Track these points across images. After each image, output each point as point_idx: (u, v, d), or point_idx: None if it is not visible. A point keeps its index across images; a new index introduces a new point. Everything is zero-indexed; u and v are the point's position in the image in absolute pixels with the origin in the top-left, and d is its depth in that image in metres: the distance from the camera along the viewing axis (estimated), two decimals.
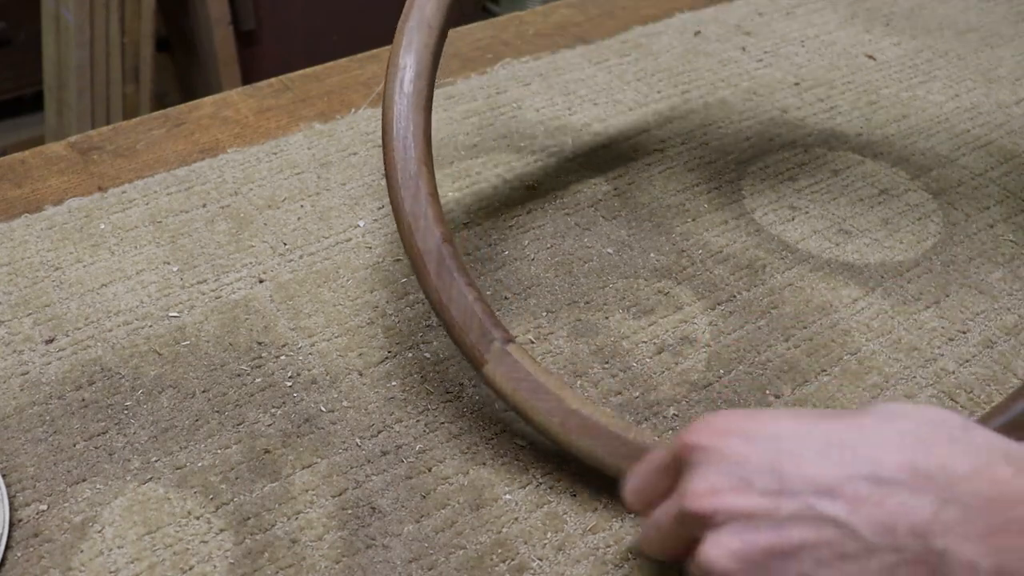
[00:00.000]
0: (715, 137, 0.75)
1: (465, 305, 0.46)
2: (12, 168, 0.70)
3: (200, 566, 0.44)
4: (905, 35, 0.90)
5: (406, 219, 0.47)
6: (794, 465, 0.32)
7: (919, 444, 0.32)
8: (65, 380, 0.53)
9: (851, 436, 0.33)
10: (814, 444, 0.33)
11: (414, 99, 0.50)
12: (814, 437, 0.33)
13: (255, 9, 1.69)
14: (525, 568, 0.44)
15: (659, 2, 0.95)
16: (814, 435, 0.33)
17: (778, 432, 0.34)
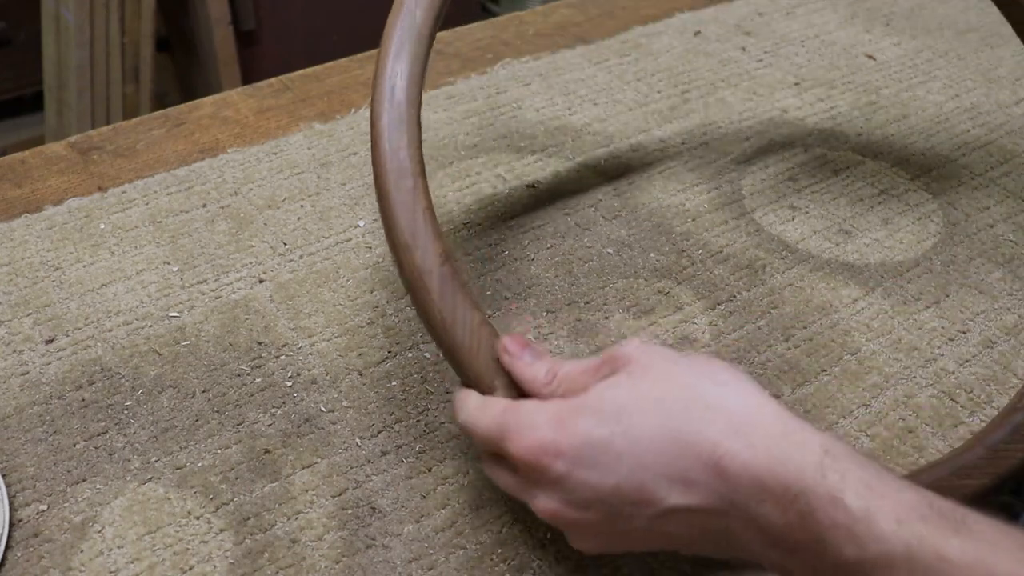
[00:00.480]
0: (715, 137, 0.75)
1: (471, 329, 0.43)
2: (12, 168, 0.70)
3: (200, 566, 0.44)
4: (905, 35, 0.90)
5: (402, 237, 0.43)
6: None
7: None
8: (65, 380, 0.53)
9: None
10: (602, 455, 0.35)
11: (406, 109, 0.46)
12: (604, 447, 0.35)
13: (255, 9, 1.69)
14: (525, 568, 0.44)
15: (659, 2, 0.95)
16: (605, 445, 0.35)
17: (584, 444, 0.35)
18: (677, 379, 0.35)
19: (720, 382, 0.35)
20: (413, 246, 0.43)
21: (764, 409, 0.34)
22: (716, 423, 0.33)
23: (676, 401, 0.34)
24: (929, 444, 0.50)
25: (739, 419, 0.33)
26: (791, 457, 0.32)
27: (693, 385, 0.35)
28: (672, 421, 0.34)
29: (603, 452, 0.35)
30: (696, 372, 0.36)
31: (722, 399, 0.34)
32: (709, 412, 0.34)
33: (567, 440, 0.35)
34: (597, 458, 0.35)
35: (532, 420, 0.36)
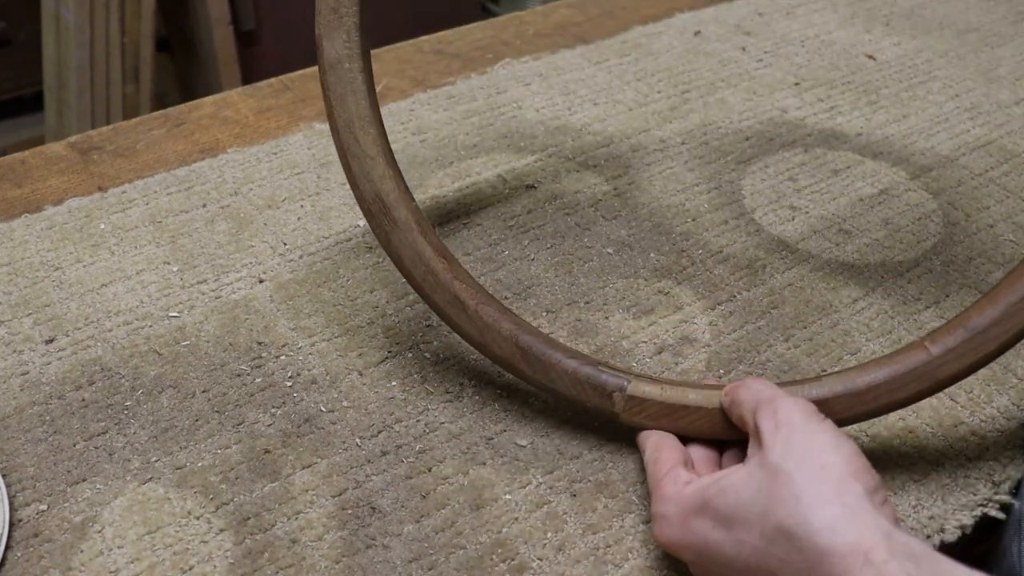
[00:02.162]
0: (715, 137, 0.75)
1: (573, 367, 0.47)
2: (12, 168, 0.70)
3: (200, 566, 0.44)
4: (905, 35, 0.90)
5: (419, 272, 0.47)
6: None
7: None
8: (65, 380, 0.53)
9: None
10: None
11: (376, 143, 0.48)
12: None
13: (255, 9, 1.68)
14: (525, 568, 0.44)
15: (659, 2, 0.95)
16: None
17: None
18: (780, 492, 0.37)
19: (832, 511, 0.36)
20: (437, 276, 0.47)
21: (859, 548, 0.35)
22: (808, 557, 0.35)
23: (782, 532, 0.36)
24: (929, 444, 0.50)
25: (836, 562, 0.35)
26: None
27: (790, 505, 0.37)
28: (774, 548, 0.37)
29: (717, 555, 0.39)
30: (797, 484, 0.37)
31: (828, 536, 0.35)
32: (801, 545, 0.36)
33: (692, 540, 0.40)
34: (714, 558, 0.39)
35: (666, 511, 0.42)
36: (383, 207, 0.48)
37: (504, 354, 0.47)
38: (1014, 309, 0.44)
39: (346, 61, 0.48)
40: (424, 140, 0.74)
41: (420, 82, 0.82)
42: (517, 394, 0.53)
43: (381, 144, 0.48)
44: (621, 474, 0.49)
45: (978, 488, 0.48)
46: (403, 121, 0.76)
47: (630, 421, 0.47)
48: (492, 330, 0.47)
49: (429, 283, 0.48)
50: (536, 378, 0.47)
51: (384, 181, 0.48)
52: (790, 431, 0.39)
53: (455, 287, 0.48)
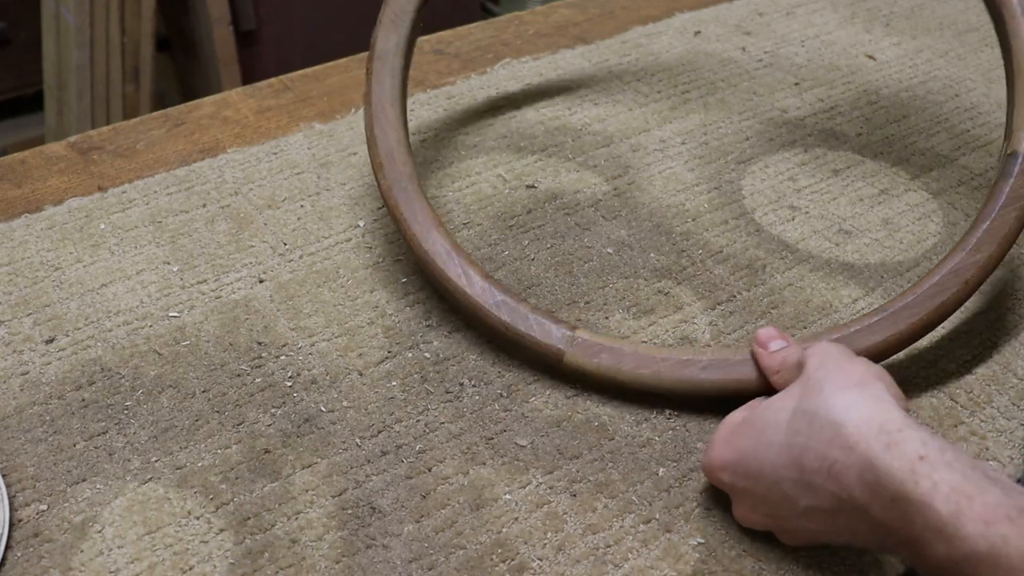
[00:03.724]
0: (715, 137, 0.75)
1: (524, 314, 0.53)
2: (12, 168, 0.70)
3: (200, 566, 0.44)
4: (905, 35, 0.90)
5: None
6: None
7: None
8: (65, 380, 0.53)
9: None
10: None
11: (398, 117, 0.59)
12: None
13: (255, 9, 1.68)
14: (525, 568, 0.44)
15: (659, 2, 0.95)
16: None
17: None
18: (808, 390, 0.41)
19: (850, 395, 0.40)
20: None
21: (874, 421, 0.38)
22: (832, 437, 0.39)
23: (805, 415, 0.40)
24: None
25: (851, 432, 0.38)
26: (889, 465, 0.36)
27: (814, 395, 0.41)
28: (798, 437, 0.40)
29: (753, 461, 0.42)
30: (823, 380, 0.41)
31: (844, 412, 0.39)
32: (829, 426, 0.39)
33: (729, 455, 0.43)
34: (749, 468, 0.42)
35: (716, 436, 0.45)
36: (392, 160, 0.57)
37: (475, 293, 0.53)
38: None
39: (392, 54, 0.60)
40: (424, 140, 0.74)
41: (420, 82, 0.82)
42: (517, 394, 0.53)
43: (401, 118, 0.59)
44: (621, 474, 0.49)
45: None
46: None
47: (573, 360, 0.52)
48: (469, 274, 0.54)
49: (419, 230, 0.55)
50: (500, 316, 0.53)
51: (398, 143, 0.58)
52: (826, 354, 0.43)
53: (441, 234, 0.55)
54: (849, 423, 0.38)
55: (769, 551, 0.45)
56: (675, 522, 0.46)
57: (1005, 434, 0.51)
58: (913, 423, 0.38)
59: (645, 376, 0.51)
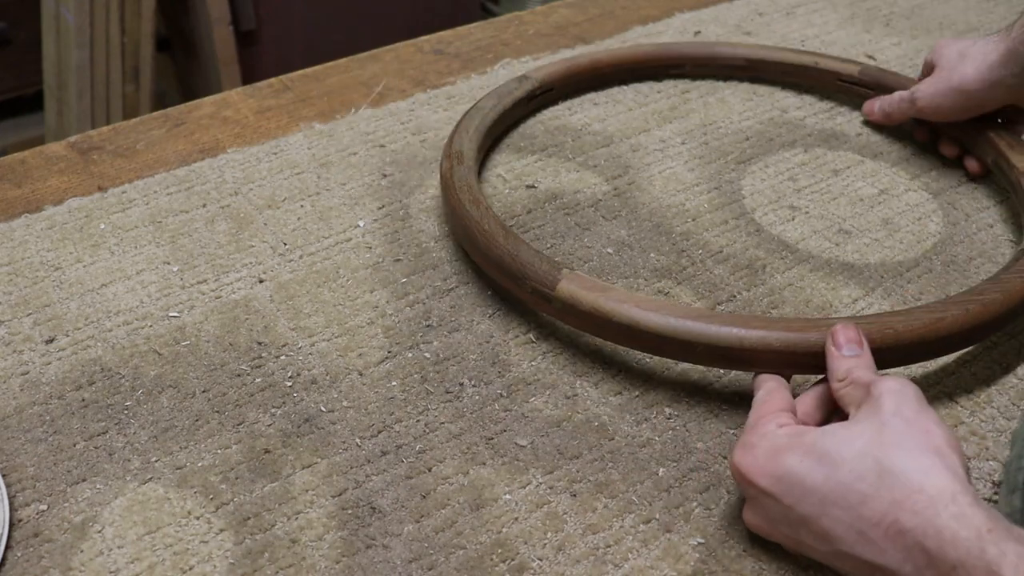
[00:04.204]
0: (715, 137, 0.75)
1: (527, 248, 0.55)
2: (12, 168, 0.70)
3: (200, 566, 0.44)
4: (905, 35, 0.90)
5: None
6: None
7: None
8: (65, 380, 0.53)
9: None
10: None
11: (473, 138, 0.66)
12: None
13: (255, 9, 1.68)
14: (525, 568, 0.44)
15: (659, 2, 0.95)
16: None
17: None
18: (884, 438, 0.40)
19: (928, 460, 0.39)
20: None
21: (947, 491, 0.38)
22: (903, 498, 0.38)
23: (878, 465, 0.39)
24: None
25: (924, 498, 0.38)
26: (956, 534, 0.36)
27: (891, 448, 0.40)
28: (862, 483, 0.39)
29: (800, 486, 0.41)
30: (902, 434, 0.40)
31: (922, 476, 0.38)
32: (894, 480, 0.39)
33: (771, 468, 0.42)
34: (793, 490, 0.41)
35: (756, 442, 0.43)
36: (460, 156, 0.63)
37: (490, 225, 0.57)
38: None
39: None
40: (424, 140, 0.74)
41: (420, 82, 0.82)
42: (517, 394, 0.53)
43: (477, 140, 0.66)
44: (621, 474, 0.49)
45: (978, 488, 0.48)
46: (403, 121, 0.76)
47: (565, 290, 0.52)
48: (485, 210, 0.58)
49: (472, 204, 0.59)
50: (507, 246, 0.55)
51: (468, 147, 0.65)
52: (903, 399, 0.42)
53: (486, 209, 0.58)
54: (925, 489, 0.38)
55: (769, 551, 0.45)
56: (675, 522, 0.46)
57: (1005, 434, 0.51)
58: (980, 500, 0.38)
59: (630, 312, 0.50)
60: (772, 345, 0.48)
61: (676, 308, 0.50)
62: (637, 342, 0.51)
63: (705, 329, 0.49)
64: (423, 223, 0.65)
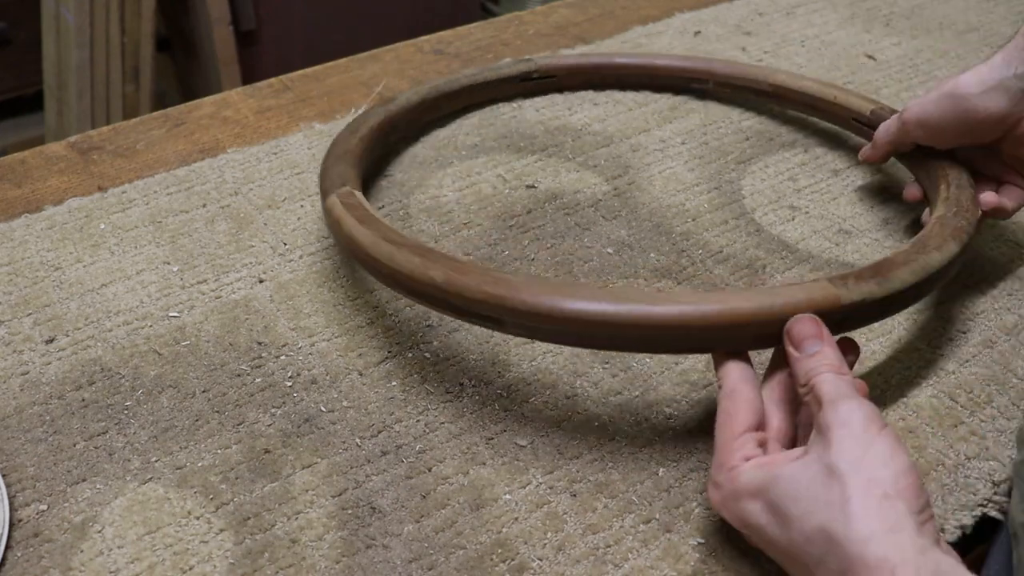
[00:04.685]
0: (715, 137, 0.75)
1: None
2: (12, 168, 0.70)
3: (200, 566, 0.44)
4: (905, 35, 0.90)
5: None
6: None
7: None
8: (65, 380, 0.53)
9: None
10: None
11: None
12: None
13: (255, 9, 1.68)
14: (525, 568, 0.44)
15: (659, 2, 0.95)
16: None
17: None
18: (830, 495, 0.38)
19: (856, 514, 0.37)
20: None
21: (881, 552, 0.36)
22: (841, 561, 0.37)
23: (816, 525, 0.38)
24: (929, 444, 0.50)
25: (857, 562, 0.36)
26: None
27: (835, 511, 0.38)
28: (811, 546, 0.38)
29: (762, 535, 0.41)
30: (845, 489, 0.38)
31: (850, 539, 0.37)
32: (838, 549, 0.37)
33: (738, 515, 0.42)
34: (760, 535, 0.41)
35: (721, 482, 0.43)
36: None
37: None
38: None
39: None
40: (424, 140, 0.74)
41: (420, 82, 0.82)
42: (517, 394, 0.53)
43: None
44: (621, 474, 0.49)
45: (978, 488, 0.48)
46: None
47: (331, 204, 0.55)
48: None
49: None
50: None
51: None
52: (850, 432, 0.40)
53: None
54: (866, 563, 0.36)
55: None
56: (675, 522, 0.46)
57: (1005, 434, 0.51)
58: (928, 566, 0.36)
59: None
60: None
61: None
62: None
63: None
64: (423, 223, 0.65)
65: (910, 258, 0.48)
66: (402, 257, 0.49)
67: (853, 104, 0.69)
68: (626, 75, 0.79)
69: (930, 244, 0.50)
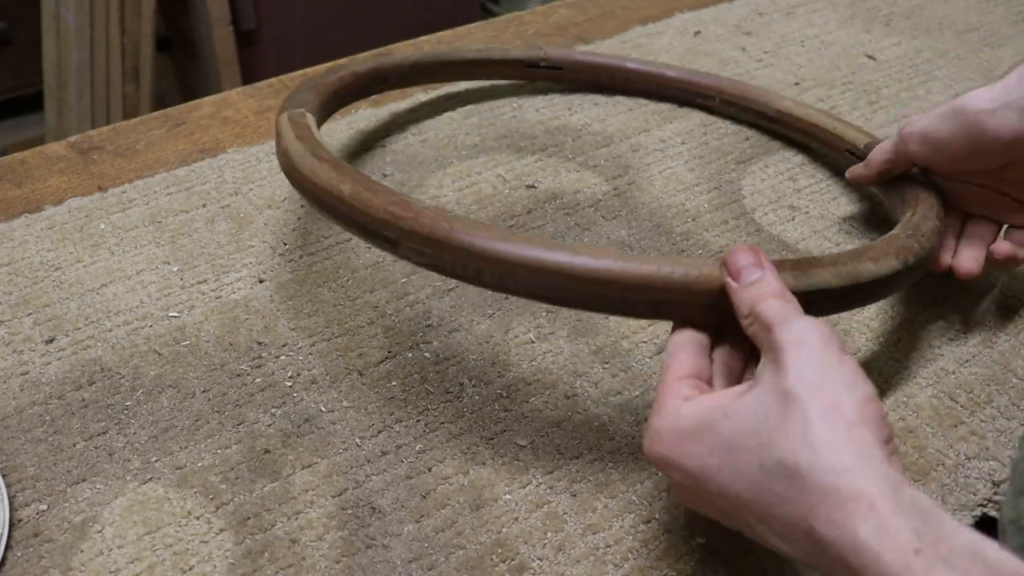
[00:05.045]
0: (715, 137, 0.75)
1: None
2: (12, 168, 0.70)
3: (200, 566, 0.44)
4: (905, 35, 0.90)
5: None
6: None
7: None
8: (65, 380, 0.53)
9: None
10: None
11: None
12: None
13: (255, 9, 1.68)
14: (525, 568, 0.44)
15: (659, 2, 0.95)
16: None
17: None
18: (789, 424, 0.35)
19: (823, 442, 0.34)
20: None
21: (863, 495, 0.33)
22: (808, 495, 0.34)
23: (776, 458, 0.35)
24: (929, 444, 0.50)
25: (838, 506, 0.33)
26: (880, 557, 0.31)
27: (796, 440, 0.34)
28: (772, 482, 0.35)
29: (711, 480, 0.37)
30: (807, 417, 0.35)
31: (817, 468, 0.34)
32: (803, 482, 0.34)
33: (682, 462, 0.38)
34: (707, 484, 0.37)
35: (660, 427, 0.38)
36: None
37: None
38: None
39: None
40: (424, 140, 0.74)
41: None
42: (517, 394, 0.53)
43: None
44: (621, 474, 0.49)
45: (978, 488, 0.48)
46: (403, 121, 0.76)
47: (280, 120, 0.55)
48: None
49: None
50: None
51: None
52: (808, 353, 0.36)
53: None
54: (839, 494, 0.33)
55: (770, 551, 0.45)
56: (675, 522, 0.46)
57: (1005, 434, 0.51)
58: (902, 496, 0.33)
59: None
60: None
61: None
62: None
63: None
64: None
65: (840, 261, 0.45)
66: (321, 172, 0.48)
67: (849, 136, 0.67)
68: (634, 81, 0.79)
69: (867, 254, 0.46)
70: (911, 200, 0.55)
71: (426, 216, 0.44)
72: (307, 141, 0.52)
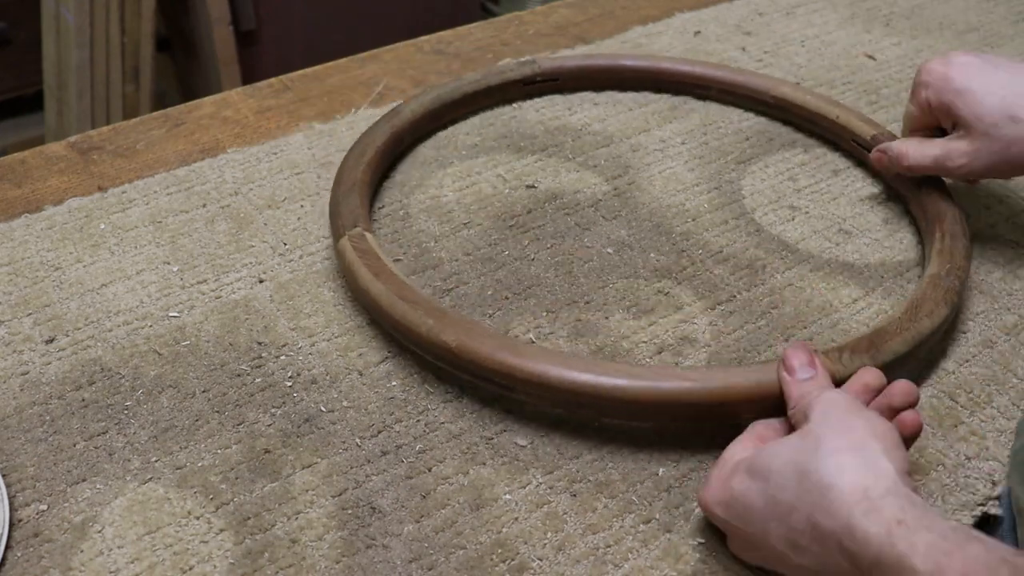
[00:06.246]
0: (715, 137, 0.75)
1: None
2: (12, 168, 0.70)
3: (200, 566, 0.44)
4: (905, 35, 0.90)
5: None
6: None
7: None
8: (65, 380, 0.53)
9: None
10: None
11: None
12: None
13: (255, 9, 1.68)
14: (525, 568, 0.44)
15: (659, 2, 0.95)
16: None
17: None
18: (806, 443, 0.41)
19: (842, 458, 0.39)
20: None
21: (858, 486, 0.38)
22: (818, 500, 0.38)
23: (797, 473, 0.40)
24: (929, 444, 0.50)
25: (835, 497, 0.38)
26: (867, 531, 0.36)
27: (809, 452, 0.40)
28: (785, 493, 0.40)
29: (741, 505, 0.42)
30: (822, 437, 0.40)
31: (833, 476, 0.38)
32: (810, 484, 0.39)
33: (723, 495, 0.43)
34: (740, 512, 0.42)
35: (712, 474, 0.45)
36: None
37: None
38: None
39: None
40: (424, 140, 0.74)
41: (420, 82, 0.82)
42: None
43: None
44: (621, 474, 0.49)
45: (978, 488, 0.48)
46: None
47: (343, 248, 0.57)
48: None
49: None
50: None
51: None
52: (831, 405, 0.43)
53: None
54: (835, 488, 0.38)
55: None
56: (675, 522, 0.46)
57: (1005, 434, 0.51)
58: (898, 488, 0.37)
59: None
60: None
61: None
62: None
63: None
64: (423, 223, 0.65)
65: (903, 327, 0.51)
66: (415, 317, 0.51)
67: (854, 125, 0.70)
68: (629, 77, 0.79)
69: (922, 311, 0.52)
70: (934, 218, 0.60)
71: (537, 360, 0.48)
72: (387, 278, 0.53)
